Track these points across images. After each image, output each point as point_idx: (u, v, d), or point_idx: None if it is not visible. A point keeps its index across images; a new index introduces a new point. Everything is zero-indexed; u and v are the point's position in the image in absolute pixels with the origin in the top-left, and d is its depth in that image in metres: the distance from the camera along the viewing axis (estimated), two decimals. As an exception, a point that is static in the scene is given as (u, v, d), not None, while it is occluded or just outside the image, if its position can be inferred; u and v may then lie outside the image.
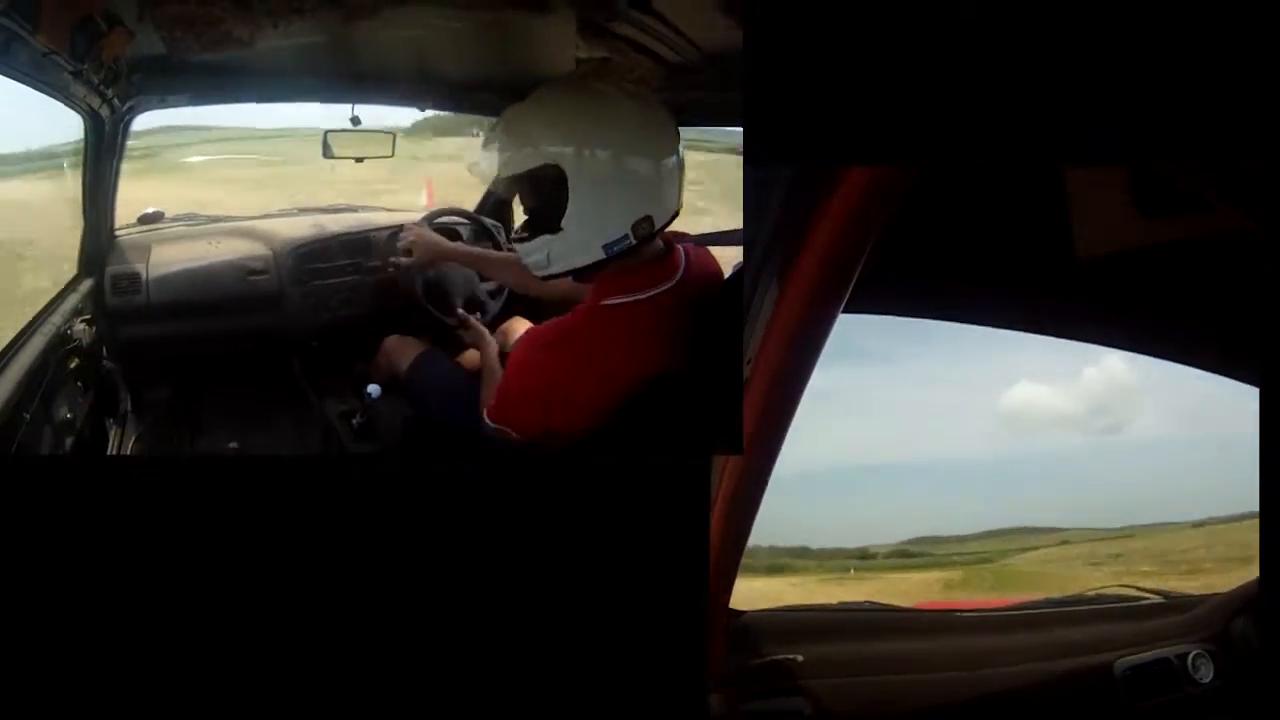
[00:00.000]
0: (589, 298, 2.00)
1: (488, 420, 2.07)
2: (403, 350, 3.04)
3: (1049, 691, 2.09)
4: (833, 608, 2.28)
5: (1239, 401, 2.17)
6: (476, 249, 3.36)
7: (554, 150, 1.89)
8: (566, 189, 1.90)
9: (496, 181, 2.03)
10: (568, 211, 1.91)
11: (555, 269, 1.99)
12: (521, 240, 2.02)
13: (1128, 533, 2.40)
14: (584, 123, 1.92)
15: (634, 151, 1.91)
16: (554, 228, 1.93)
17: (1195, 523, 2.42)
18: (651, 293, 1.98)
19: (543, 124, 1.94)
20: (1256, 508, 1.73)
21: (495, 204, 4.02)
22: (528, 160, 1.92)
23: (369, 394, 3.11)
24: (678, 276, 2.02)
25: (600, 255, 1.94)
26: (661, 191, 1.94)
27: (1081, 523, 2.54)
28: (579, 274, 2.02)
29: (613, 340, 1.95)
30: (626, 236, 1.92)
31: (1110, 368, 2.43)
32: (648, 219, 1.91)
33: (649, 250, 2.00)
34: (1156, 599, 2.33)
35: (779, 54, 1.76)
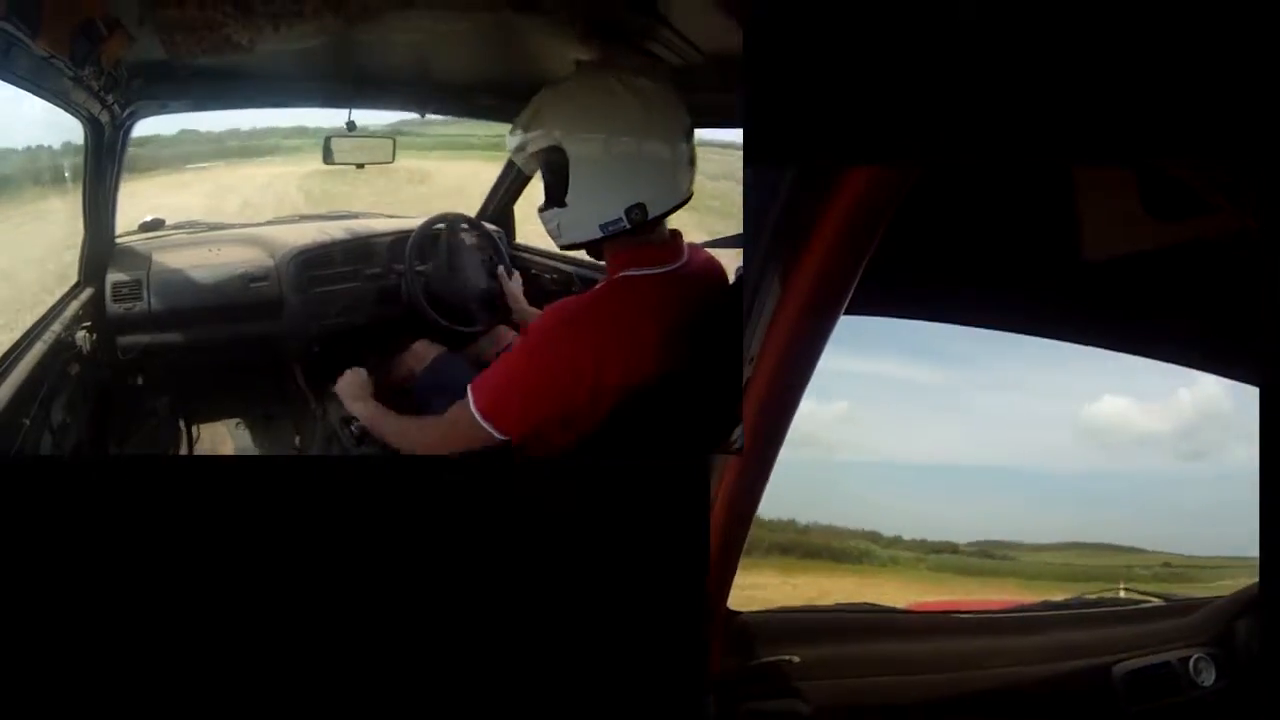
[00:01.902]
0: (608, 272, 2.19)
1: (474, 410, 2.10)
2: (427, 353, 3.08)
3: (1048, 694, 2.08)
4: (831, 609, 2.27)
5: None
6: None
7: (560, 135, 2.11)
8: (569, 170, 2.10)
9: (516, 155, 2.24)
10: (569, 190, 2.11)
11: (565, 240, 2.19)
12: (541, 210, 2.22)
13: (1235, 561, 2.36)
14: (587, 114, 2.11)
15: (631, 144, 2.09)
16: (561, 202, 2.14)
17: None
18: (666, 268, 2.16)
19: (555, 111, 2.14)
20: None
21: (497, 210, 4.03)
22: (540, 141, 2.14)
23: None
24: (683, 259, 2.20)
25: (598, 234, 2.13)
26: (658, 182, 2.11)
27: (1167, 546, 2.49)
28: (590, 249, 2.23)
29: (640, 308, 2.10)
30: (620, 219, 2.09)
31: (1205, 391, 2.40)
32: (640, 205, 2.08)
33: (657, 234, 2.17)
34: (1157, 602, 2.31)
35: (779, 54, 1.76)
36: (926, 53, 1.70)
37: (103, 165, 2.94)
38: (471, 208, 3.96)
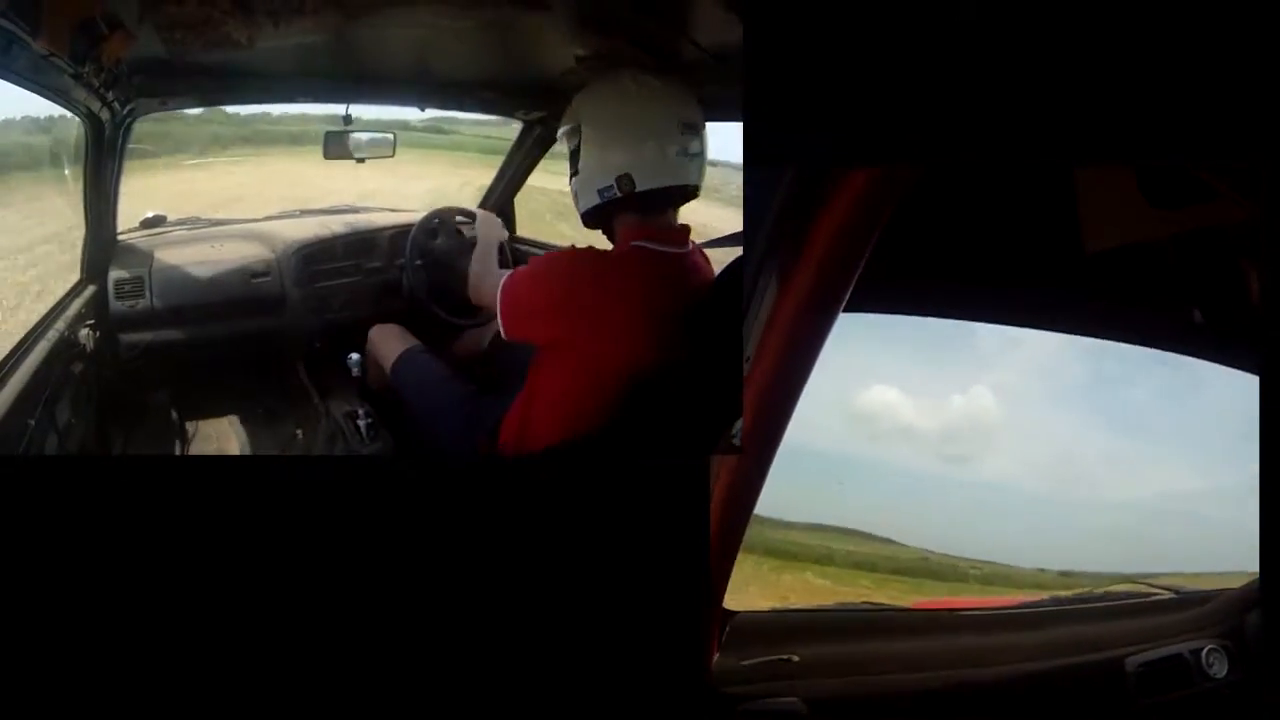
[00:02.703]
0: (619, 242, 2.46)
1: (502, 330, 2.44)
2: (387, 343, 3.11)
3: (1059, 688, 2.06)
4: (830, 608, 2.25)
5: (1106, 464, 2.18)
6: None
7: (580, 117, 2.48)
8: (581, 143, 2.45)
9: (561, 136, 2.57)
10: (580, 160, 2.46)
11: (580, 205, 2.50)
12: (569, 180, 2.55)
13: (983, 564, 2.36)
14: (600, 100, 2.48)
15: (628, 125, 2.42)
16: (577, 171, 2.48)
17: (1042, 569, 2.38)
18: (675, 250, 2.45)
19: (582, 99, 2.51)
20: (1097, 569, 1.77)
21: (497, 203, 4.03)
22: (570, 120, 2.51)
23: (350, 361, 3.19)
24: (689, 248, 2.49)
25: (597, 200, 2.43)
26: (647, 159, 2.40)
27: (921, 543, 2.47)
28: (601, 223, 2.50)
29: (644, 273, 2.35)
30: (612, 186, 2.40)
31: (978, 400, 2.39)
32: (627, 176, 2.38)
33: (665, 219, 2.46)
34: (1168, 594, 2.28)
35: (779, 54, 1.76)
36: (927, 52, 1.70)
37: (103, 162, 2.94)
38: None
